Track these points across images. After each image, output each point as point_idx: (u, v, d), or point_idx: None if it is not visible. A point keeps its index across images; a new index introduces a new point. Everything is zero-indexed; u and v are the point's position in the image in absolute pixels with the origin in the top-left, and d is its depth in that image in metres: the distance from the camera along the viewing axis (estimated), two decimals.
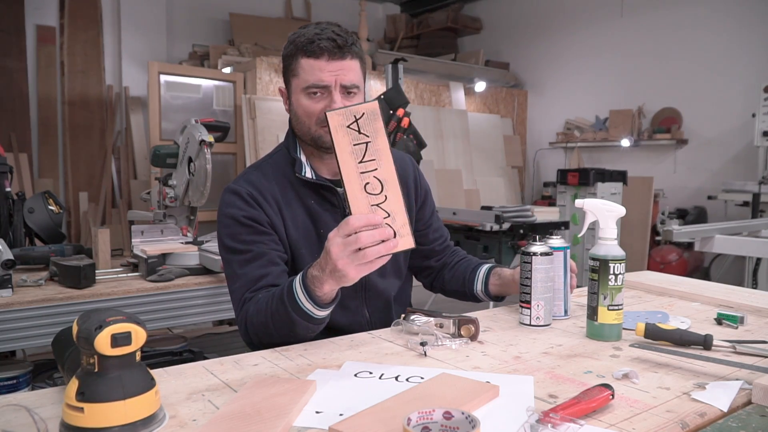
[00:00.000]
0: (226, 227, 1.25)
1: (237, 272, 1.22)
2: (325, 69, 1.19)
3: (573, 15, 6.30)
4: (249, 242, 1.22)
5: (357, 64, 1.24)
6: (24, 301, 1.71)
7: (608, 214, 1.14)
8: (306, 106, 1.23)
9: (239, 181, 1.30)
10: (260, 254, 1.22)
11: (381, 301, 1.36)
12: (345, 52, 1.20)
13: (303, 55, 1.21)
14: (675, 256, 4.90)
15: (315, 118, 1.23)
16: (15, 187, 2.75)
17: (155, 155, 2.41)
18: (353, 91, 1.22)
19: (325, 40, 1.19)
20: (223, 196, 1.28)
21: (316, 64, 1.20)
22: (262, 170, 1.32)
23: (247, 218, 1.23)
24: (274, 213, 1.26)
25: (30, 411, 0.72)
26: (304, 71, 1.21)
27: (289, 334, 1.11)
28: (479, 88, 6.32)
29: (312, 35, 1.20)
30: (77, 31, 5.20)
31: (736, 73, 5.09)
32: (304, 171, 1.28)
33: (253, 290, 1.20)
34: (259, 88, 4.88)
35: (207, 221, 3.97)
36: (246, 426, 0.73)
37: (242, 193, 1.25)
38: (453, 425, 0.69)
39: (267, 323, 1.13)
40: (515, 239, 3.55)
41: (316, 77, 1.20)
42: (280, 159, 1.33)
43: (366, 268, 0.96)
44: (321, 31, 1.21)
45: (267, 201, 1.26)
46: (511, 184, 6.46)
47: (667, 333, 1.07)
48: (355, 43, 1.23)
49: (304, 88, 1.22)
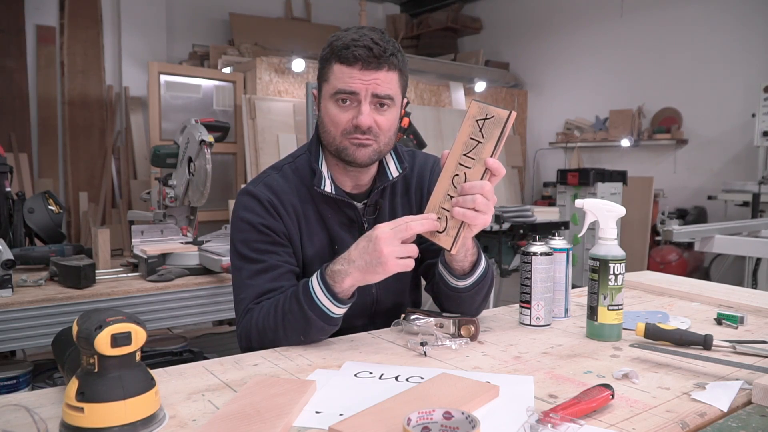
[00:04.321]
0: (240, 231, 1.20)
1: (246, 282, 1.17)
2: (356, 77, 1.11)
3: (573, 15, 6.30)
4: (263, 251, 1.18)
5: (395, 76, 1.15)
6: (24, 301, 1.71)
7: (608, 214, 1.14)
8: (333, 114, 1.15)
9: (258, 184, 1.23)
10: (273, 266, 1.17)
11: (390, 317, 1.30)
12: (381, 63, 1.11)
13: (336, 61, 1.13)
14: (675, 256, 4.89)
15: (341, 128, 1.15)
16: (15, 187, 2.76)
17: (155, 155, 2.41)
18: (386, 102, 1.15)
19: (361, 48, 1.10)
20: (240, 198, 1.22)
21: (347, 72, 1.12)
22: (284, 175, 1.25)
23: (265, 226, 1.18)
24: (292, 224, 1.21)
25: (30, 411, 0.72)
26: (335, 77, 1.14)
27: (299, 337, 1.09)
28: (479, 88, 6.31)
29: (348, 40, 1.12)
30: (77, 31, 5.20)
31: (736, 73, 5.09)
32: (323, 184, 1.20)
33: (258, 303, 1.16)
34: (259, 88, 4.88)
35: (207, 221, 3.98)
36: (246, 426, 0.73)
37: (262, 199, 1.20)
38: (453, 425, 0.69)
39: (277, 327, 1.09)
40: (515, 239, 3.55)
41: (345, 84, 1.12)
42: (302, 165, 1.26)
43: (404, 263, 1.02)
44: (359, 37, 1.12)
45: (287, 211, 1.21)
46: (511, 184, 6.45)
47: (667, 333, 1.07)
48: (396, 54, 1.14)
49: (333, 94, 1.14)
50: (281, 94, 5.00)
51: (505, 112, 1.02)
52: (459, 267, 1.17)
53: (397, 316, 1.22)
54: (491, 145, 1.03)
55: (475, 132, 1.05)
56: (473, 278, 1.18)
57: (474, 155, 1.05)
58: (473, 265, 1.17)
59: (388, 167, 1.28)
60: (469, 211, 1.02)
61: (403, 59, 1.18)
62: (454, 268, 1.17)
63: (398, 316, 1.20)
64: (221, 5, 6.09)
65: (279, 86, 4.99)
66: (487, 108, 1.04)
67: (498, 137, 1.03)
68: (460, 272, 1.17)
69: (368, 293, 1.27)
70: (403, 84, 1.20)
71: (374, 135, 1.16)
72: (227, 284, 2.01)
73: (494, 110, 1.04)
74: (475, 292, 1.20)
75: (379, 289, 1.28)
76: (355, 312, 1.21)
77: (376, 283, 1.26)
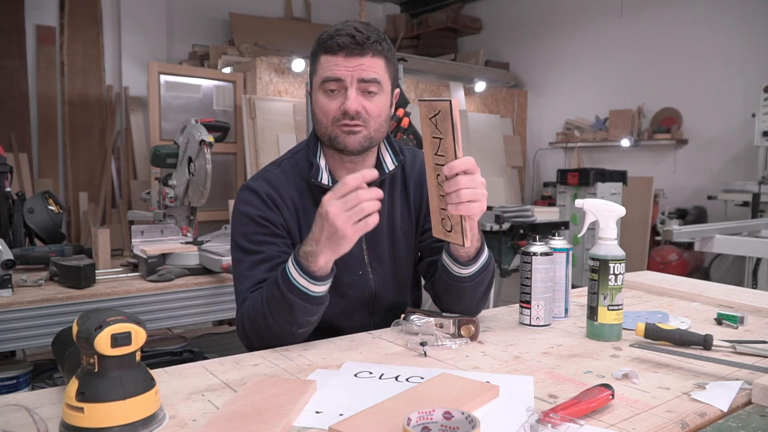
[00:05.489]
0: (240, 225, 1.23)
1: (245, 273, 1.20)
2: (341, 65, 1.14)
3: (573, 15, 6.30)
4: (261, 243, 1.20)
5: (380, 61, 1.17)
6: (24, 301, 1.71)
7: (608, 214, 1.14)
8: (322, 103, 1.18)
9: (258, 179, 1.26)
10: (271, 257, 1.19)
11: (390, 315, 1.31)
12: (365, 49, 1.14)
13: (323, 52, 1.16)
14: (675, 256, 4.89)
15: (331, 116, 1.17)
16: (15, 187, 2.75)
17: (155, 155, 2.41)
18: (372, 88, 1.16)
19: (344, 36, 1.13)
20: (240, 193, 1.26)
21: (333, 60, 1.14)
22: (283, 169, 1.28)
23: (263, 218, 1.21)
24: (291, 217, 1.23)
25: (30, 411, 0.72)
26: (322, 67, 1.16)
27: (287, 321, 1.09)
28: (479, 88, 6.31)
29: (333, 31, 1.15)
30: (77, 31, 5.20)
31: (736, 73, 5.08)
32: (320, 176, 1.23)
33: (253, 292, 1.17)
34: (259, 88, 4.88)
35: (207, 221, 3.97)
36: (246, 426, 0.73)
37: (260, 192, 1.22)
38: (453, 425, 0.69)
39: (265, 314, 1.10)
40: (515, 239, 3.55)
41: (330, 71, 1.14)
42: (301, 160, 1.29)
43: (362, 225, 1.00)
44: (343, 27, 1.15)
45: (285, 204, 1.23)
46: (511, 184, 6.45)
47: (667, 333, 1.07)
48: (380, 41, 1.17)
49: (320, 84, 1.17)
50: (281, 94, 5.00)
51: (446, 102, 1.00)
52: (464, 253, 1.16)
53: (397, 312, 1.22)
54: (450, 139, 1.02)
55: (434, 130, 1.05)
56: (477, 266, 1.18)
57: (443, 152, 1.05)
58: (477, 252, 1.17)
59: (384, 159, 1.29)
60: (461, 204, 1.03)
61: (389, 48, 1.20)
62: (460, 254, 1.17)
63: (398, 313, 1.20)
64: (221, 5, 6.08)
65: (279, 86, 4.99)
66: (431, 104, 1.03)
67: (452, 129, 1.01)
68: (465, 258, 1.17)
69: (367, 287, 1.28)
70: (391, 72, 1.22)
71: (363, 120, 1.17)
72: (227, 284, 2.02)
73: (438, 104, 1.02)
74: (477, 283, 1.20)
75: (378, 285, 1.29)
76: (355, 306, 1.22)
77: (374, 279, 1.27)
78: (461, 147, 1.03)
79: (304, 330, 1.13)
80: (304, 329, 1.13)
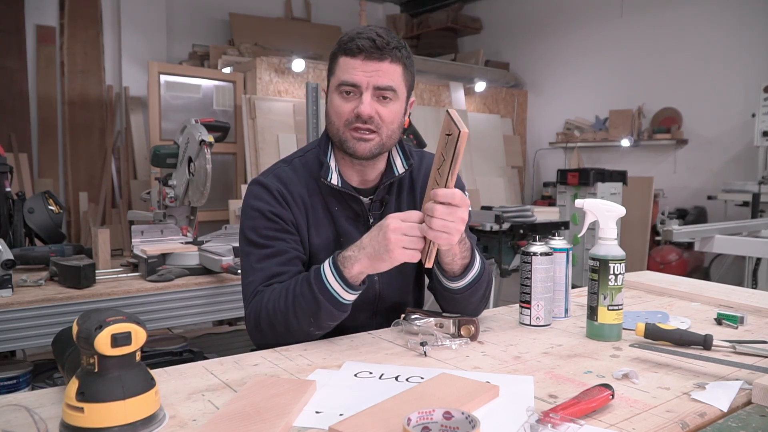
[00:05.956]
0: (250, 219, 1.23)
1: (254, 266, 1.20)
2: (359, 68, 1.15)
3: (573, 15, 6.30)
4: (271, 238, 1.21)
5: (398, 69, 1.17)
6: (24, 301, 1.71)
7: (608, 214, 1.14)
8: (337, 105, 1.18)
9: (269, 175, 1.27)
10: (281, 251, 1.20)
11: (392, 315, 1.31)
12: (384, 54, 1.14)
13: (342, 54, 1.17)
14: (675, 256, 4.89)
15: (344, 118, 1.18)
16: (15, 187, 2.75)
17: (155, 155, 2.41)
18: (388, 95, 1.17)
19: (364, 39, 1.14)
20: (250, 188, 1.26)
21: (351, 63, 1.15)
22: (294, 167, 1.28)
23: (273, 214, 1.21)
24: (300, 214, 1.24)
25: (30, 411, 0.72)
26: (340, 69, 1.17)
27: (308, 322, 1.10)
28: (479, 88, 6.31)
29: (354, 34, 1.16)
30: (77, 31, 5.20)
31: (736, 72, 5.09)
32: (330, 176, 1.23)
33: (267, 285, 1.18)
34: (259, 88, 4.88)
35: (207, 221, 3.98)
36: (246, 426, 0.73)
37: (271, 189, 1.23)
38: (453, 425, 0.69)
39: (287, 310, 1.11)
40: (515, 239, 3.54)
41: (348, 75, 1.15)
42: (312, 159, 1.29)
43: (410, 254, 1.04)
44: (364, 30, 1.16)
45: (295, 201, 1.24)
46: (511, 184, 6.45)
47: (667, 333, 1.07)
48: (400, 48, 1.17)
49: (337, 86, 1.18)
50: (281, 94, 5.00)
51: (457, 131, 0.97)
52: (449, 270, 1.18)
53: (399, 312, 1.23)
54: (448, 166, 1.01)
55: (443, 146, 1.03)
56: (465, 281, 1.19)
57: (441, 172, 1.03)
58: (464, 269, 1.18)
59: (395, 163, 1.29)
60: (430, 230, 1.02)
61: (408, 55, 1.20)
62: (445, 270, 1.19)
63: (400, 314, 1.21)
64: (221, 5, 6.09)
65: (279, 86, 4.99)
66: (450, 123, 1.00)
67: (452, 158, 0.99)
68: (451, 274, 1.19)
69: (371, 287, 1.29)
70: (408, 79, 1.22)
71: (376, 126, 1.18)
72: (227, 284, 2.02)
73: (453, 127, 0.99)
74: (470, 294, 1.21)
75: (382, 284, 1.30)
76: (359, 305, 1.22)
77: (379, 278, 1.28)
78: (454, 178, 1.01)
79: (320, 332, 1.14)
80: (320, 332, 1.13)
